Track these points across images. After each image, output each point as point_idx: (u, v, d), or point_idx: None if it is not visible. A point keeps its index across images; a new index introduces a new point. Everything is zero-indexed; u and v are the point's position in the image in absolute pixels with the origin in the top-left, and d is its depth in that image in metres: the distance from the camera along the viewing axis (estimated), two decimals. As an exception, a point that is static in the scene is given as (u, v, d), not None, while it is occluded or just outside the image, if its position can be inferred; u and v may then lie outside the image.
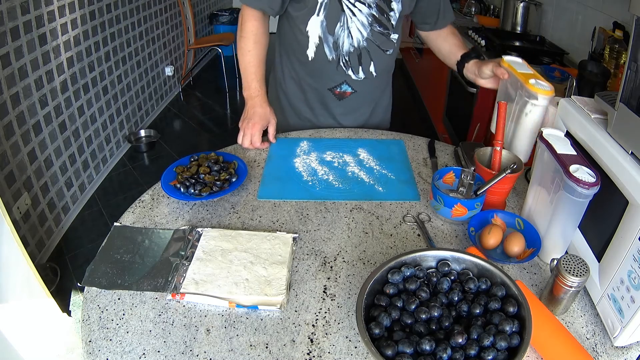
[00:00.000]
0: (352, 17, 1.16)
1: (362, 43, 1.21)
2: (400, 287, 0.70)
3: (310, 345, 0.70)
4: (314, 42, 1.21)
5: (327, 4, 1.14)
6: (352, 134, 1.31)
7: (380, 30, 1.20)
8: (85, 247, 2.25)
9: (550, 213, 0.83)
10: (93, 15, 2.56)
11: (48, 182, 2.21)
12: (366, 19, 1.17)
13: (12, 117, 1.92)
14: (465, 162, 1.12)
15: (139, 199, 1.02)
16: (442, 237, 0.93)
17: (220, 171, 1.05)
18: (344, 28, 1.18)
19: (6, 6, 1.83)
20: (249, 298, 0.77)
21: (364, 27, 1.18)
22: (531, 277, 0.84)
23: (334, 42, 1.21)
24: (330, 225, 0.95)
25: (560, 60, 2.16)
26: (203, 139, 3.42)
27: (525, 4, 2.52)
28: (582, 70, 1.55)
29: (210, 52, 4.75)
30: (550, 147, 0.80)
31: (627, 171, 0.69)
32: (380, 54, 1.25)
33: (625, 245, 0.68)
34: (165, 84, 3.81)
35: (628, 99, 0.73)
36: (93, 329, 0.72)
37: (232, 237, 0.90)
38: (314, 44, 1.22)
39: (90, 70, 2.58)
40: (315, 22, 1.18)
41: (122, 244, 0.89)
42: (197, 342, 0.70)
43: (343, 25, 1.18)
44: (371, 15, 1.17)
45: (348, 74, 1.26)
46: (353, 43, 1.21)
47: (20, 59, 1.95)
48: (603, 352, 0.70)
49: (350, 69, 1.25)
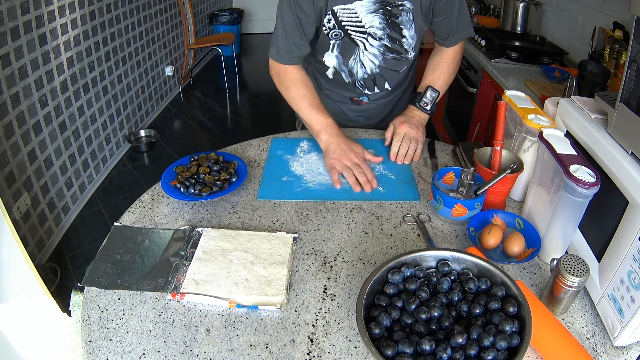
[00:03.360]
0: (365, 50, 1.18)
1: (375, 70, 1.23)
2: (400, 287, 0.70)
3: (310, 345, 0.70)
4: (332, 69, 1.25)
5: (340, 44, 1.17)
6: (352, 134, 1.31)
7: (393, 56, 1.21)
8: (85, 247, 2.25)
9: (550, 213, 0.83)
10: (93, 15, 2.56)
11: (48, 182, 2.21)
12: (378, 50, 1.18)
13: (12, 117, 1.92)
14: (465, 162, 1.12)
15: (139, 199, 1.02)
16: (442, 237, 0.93)
17: (220, 171, 1.05)
18: (357, 60, 1.20)
19: (6, 6, 1.83)
20: (249, 298, 0.77)
21: (375, 57, 1.20)
22: (531, 277, 0.84)
23: (349, 71, 1.24)
24: (330, 225, 0.95)
25: (560, 60, 2.16)
26: (203, 139, 3.42)
27: (525, 4, 2.52)
28: (582, 70, 1.55)
29: (210, 52, 4.75)
30: (550, 147, 0.80)
31: (627, 171, 0.69)
32: (393, 74, 1.27)
33: (625, 245, 0.68)
34: (165, 84, 3.81)
35: (628, 99, 0.73)
36: (93, 329, 0.72)
37: (232, 237, 0.90)
38: (331, 71, 1.26)
39: (90, 70, 2.58)
40: (330, 56, 1.21)
41: (122, 244, 0.89)
42: (197, 342, 0.70)
43: (356, 58, 1.20)
44: (383, 45, 1.17)
45: (365, 92, 1.31)
46: (366, 71, 1.23)
47: (20, 59, 1.95)
48: (603, 352, 0.70)
49: (366, 88, 1.30)
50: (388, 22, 1.12)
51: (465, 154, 1.13)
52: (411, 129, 1.17)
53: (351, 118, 1.40)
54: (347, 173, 1.07)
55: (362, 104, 1.36)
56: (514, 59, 2.11)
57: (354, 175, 1.06)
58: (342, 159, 1.09)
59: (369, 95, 1.33)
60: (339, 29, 1.12)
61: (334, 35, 1.14)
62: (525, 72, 1.98)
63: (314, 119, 1.15)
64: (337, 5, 1.08)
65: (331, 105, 1.38)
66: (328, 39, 1.15)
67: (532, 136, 0.95)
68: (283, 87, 1.19)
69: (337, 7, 1.08)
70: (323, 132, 1.14)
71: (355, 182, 1.06)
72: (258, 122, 3.63)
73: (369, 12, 1.09)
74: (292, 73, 1.17)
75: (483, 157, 1.03)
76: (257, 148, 1.24)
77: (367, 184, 1.06)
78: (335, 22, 1.11)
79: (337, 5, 1.08)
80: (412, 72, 1.39)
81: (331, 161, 1.10)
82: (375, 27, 1.12)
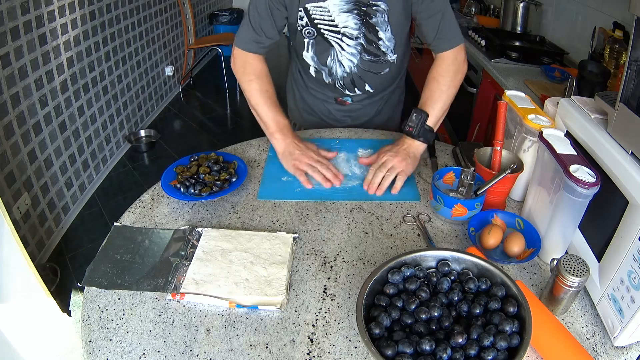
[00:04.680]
0: (342, 51, 1.18)
1: (354, 69, 1.23)
2: (400, 287, 0.70)
3: (310, 345, 0.70)
4: (313, 68, 1.26)
5: (314, 43, 1.17)
6: (352, 134, 1.31)
7: (371, 58, 1.20)
8: (85, 247, 2.25)
9: (550, 213, 0.83)
10: (93, 15, 2.56)
11: (48, 182, 2.21)
12: (355, 49, 1.18)
13: (12, 117, 1.92)
14: (464, 162, 1.12)
15: (139, 199, 1.02)
16: (442, 237, 0.93)
17: (220, 171, 1.05)
18: (335, 60, 1.20)
19: (6, 6, 1.83)
20: (249, 298, 0.77)
21: (353, 56, 1.19)
22: (531, 277, 0.84)
23: (328, 70, 1.24)
24: (330, 225, 0.95)
25: (560, 60, 2.16)
26: (203, 139, 3.42)
27: (525, 4, 2.52)
28: (582, 70, 1.55)
29: (210, 52, 4.75)
30: (550, 147, 0.80)
31: (627, 171, 0.69)
32: (373, 76, 1.26)
33: (625, 245, 0.68)
34: (165, 84, 3.81)
35: (628, 99, 0.73)
36: (93, 329, 0.72)
37: (232, 237, 0.90)
38: (313, 69, 1.26)
39: (90, 70, 2.58)
40: (307, 55, 1.22)
41: (122, 244, 0.89)
42: (197, 342, 0.70)
43: (334, 59, 1.20)
44: (360, 45, 1.17)
45: (346, 92, 1.30)
46: (345, 70, 1.23)
47: (20, 59, 1.95)
48: (603, 352, 0.70)
49: (346, 89, 1.29)
50: (363, 21, 1.11)
51: (465, 154, 1.13)
52: (393, 158, 1.06)
53: (338, 118, 1.39)
54: (313, 171, 1.07)
55: (347, 105, 1.35)
56: (514, 59, 2.11)
57: (320, 173, 1.07)
58: (303, 159, 1.08)
59: (352, 96, 1.32)
60: (312, 26, 1.12)
61: (307, 33, 1.14)
62: (525, 72, 1.98)
63: (271, 118, 1.14)
64: (309, 2, 1.08)
65: (318, 104, 1.38)
66: (302, 36, 1.15)
67: (532, 136, 0.95)
68: (245, 79, 1.16)
69: (310, 4, 1.08)
70: (279, 132, 1.13)
71: (324, 179, 1.06)
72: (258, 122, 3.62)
73: (342, 12, 1.09)
74: (257, 66, 1.17)
75: (483, 157, 1.03)
76: (257, 148, 1.24)
77: (336, 178, 1.07)
78: (308, 19, 1.11)
79: (309, 3, 1.08)
80: (401, 76, 1.37)
81: (293, 162, 1.09)
82: (351, 28, 1.12)
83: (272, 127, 1.13)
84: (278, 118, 1.14)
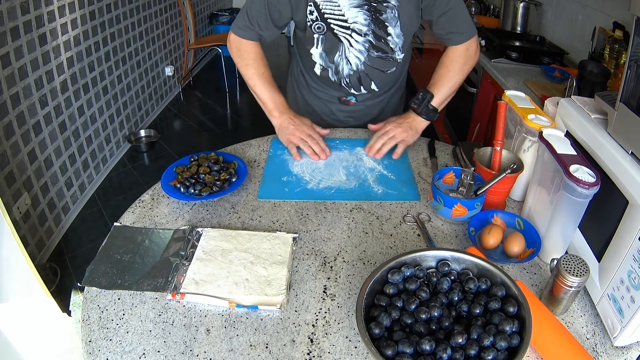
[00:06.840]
0: (350, 47, 1.18)
1: (361, 67, 1.23)
2: (400, 287, 0.70)
3: (310, 345, 0.70)
4: (319, 65, 1.26)
5: (324, 39, 1.17)
6: (352, 134, 1.31)
7: (379, 55, 1.20)
8: (85, 247, 2.25)
9: (550, 213, 0.83)
10: (93, 15, 2.56)
11: (48, 182, 2.21)
12: (363, 46, 1.18)
13: (12, 117, 1.92)
14: (464, 162, 1.12)
15: (139, 199, 1.02)
16: (442, 237, 0.93)
17: (220, 171, 1.05)
18: (342, 57, 1.21)
19: (6, 6, 1.83)
20: (249, 298, 0.77)
21: (361, 53, 1.20)
22: (531, 277, 0.84)
23: (335, 68, 1.25)
24: (330, 225, 0.95)
25: (560, 60, 2.16)
26: (203, 139, 3.41)
27: (525, 4, 2.52)
28: (582, 70, 1.55)
29: (210, 52, 4.75)
30: (550, 147, 0.80)
31: (627, 171, 0.69)
32: (380, 74, 1.26)
33: (625, 245, 0.68)
34: (165, 84, 3.81)
35: (628, 99, 0.73)
36: (93, 329, 0.72)
37: (232, 237, 0.90)
38: (319, 66, 1.26)
39: (90, 70, 2.58)
40: (316, 52, 1.22)
41: (122, 244, 0.89)
42: (197, 342, 0.70)
43: (341, 55, 1.21)
44: (368, 41, 1.17)
45: (351, 91, 1.31)
46: (352, 68, 1.23)
47: (20, 59, 1.95)
48: (603, 352, 0.70)
49: (352, 88, 1.29)
50: (373, 18, 1.12)
51: (465, 154, 1.13)
52: (396, 128, 1.17)
53: (340, 118, 1.40)
54: (304, 145, 1.17)
55: (350, 104, 1.36)
56: (514, 59, 2.11)
57: (310, 147, 1.16)
58: (296, 133, 1.17)
59: (356, 95, 1.32)
60: (322, 21, 1.13)
61: (316, 29, 1.14)
62: (525, 72, 1.98)
63: (269, 97, 1.21)
64: None
65: (320, 105, 1.38)
66: (312, 32, 1.16)
67: (532, 136, 0.95)
68: (242, 63, 1.23)
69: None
70: (275, 109, 1.21)
71: (313, 153, 1.16)
72: (258, 122, 3.62)
73: (352, 7, 1.10)
74: (253, 51, 1.22)
75: (483, 157, 1.03)
76: (257, 148, 1.24)
77: (322, 152, 1.16)
78: (318, 14, 1.12)
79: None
80: (403, 76, 1.39)
81: (287, 136, 1.18)
82: (360, 24, 1.13)
83: (269, 105, 1.22)
84: (274, 97, 1.22)
